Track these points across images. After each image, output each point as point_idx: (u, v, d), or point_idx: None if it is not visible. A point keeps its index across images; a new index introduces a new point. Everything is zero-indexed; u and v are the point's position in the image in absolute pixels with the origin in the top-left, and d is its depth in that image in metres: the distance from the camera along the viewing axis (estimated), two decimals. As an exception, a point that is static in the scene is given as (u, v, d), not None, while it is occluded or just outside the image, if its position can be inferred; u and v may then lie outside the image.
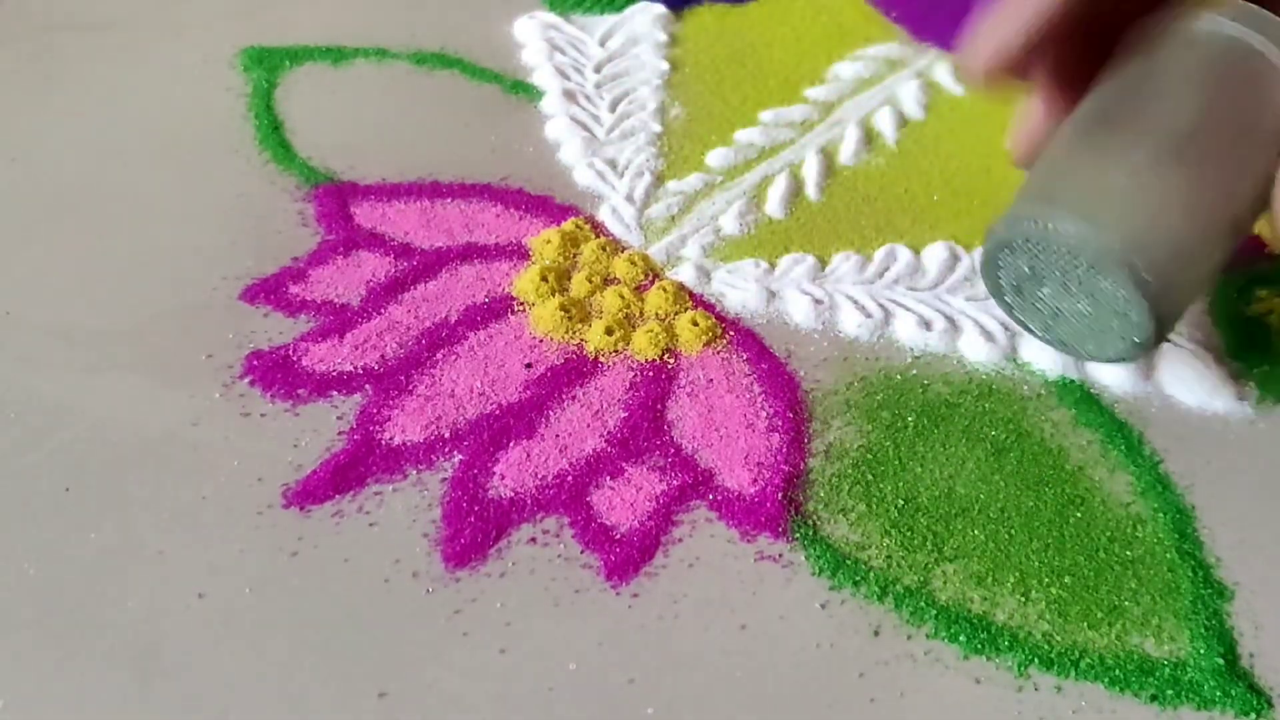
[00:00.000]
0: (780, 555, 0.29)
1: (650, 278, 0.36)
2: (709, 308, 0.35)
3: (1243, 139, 0.29)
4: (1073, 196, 0.29)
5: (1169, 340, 0.34)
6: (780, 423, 0.32)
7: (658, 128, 0.43)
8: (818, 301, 0.35)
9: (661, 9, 0.49)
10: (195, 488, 0.30)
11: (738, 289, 0.36)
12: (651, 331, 0.34)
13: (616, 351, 0.34)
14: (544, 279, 0.35)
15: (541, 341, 0.34)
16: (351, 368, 0.33)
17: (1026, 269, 0.30)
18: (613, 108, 0.44)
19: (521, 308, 0.35)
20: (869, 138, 0.43)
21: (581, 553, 0.29)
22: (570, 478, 0.30)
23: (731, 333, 0.35)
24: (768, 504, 0.30)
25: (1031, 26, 0.29)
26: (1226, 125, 0.29)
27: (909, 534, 0.29)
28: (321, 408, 0.32)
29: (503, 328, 0.34)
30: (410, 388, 0.32)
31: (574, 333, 0.34)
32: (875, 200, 0.40)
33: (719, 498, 0.30)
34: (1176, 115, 0.29)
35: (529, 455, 0.31)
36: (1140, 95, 0.30)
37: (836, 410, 0.32)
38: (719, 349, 0.34)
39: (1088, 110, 0.30)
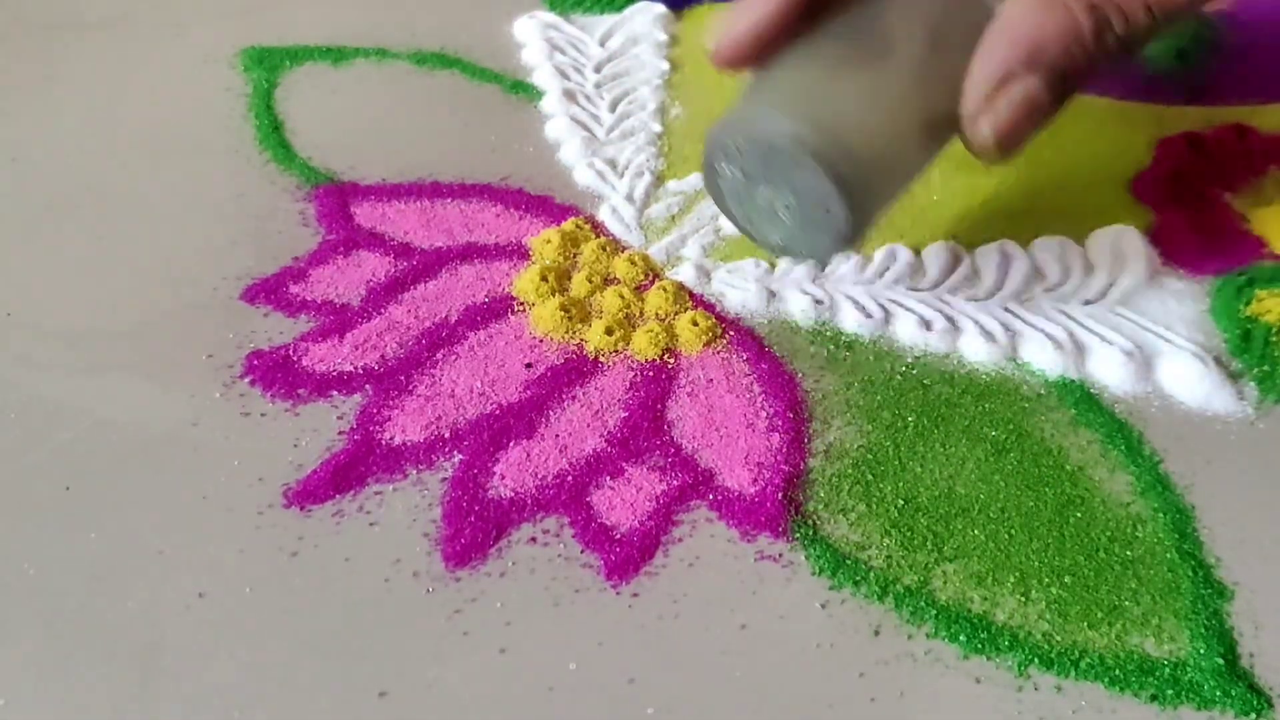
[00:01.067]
0: (780, 555, 0.29)
1: (650, 278, 0.36)
2: (709, 308, 0.35)
3: (939, 44, 0.31)
4: (771, 96, 0.31)
5: (1161, 334, 0.34)
6: (780, 423, 0.32)
7: (658, 128, 0.43)
8: (818, 301, 0.35)
9: (661, 9, 0.49)
10: (195, 488, 0.30)
11: (738, 289, 0.36)
12: (651, 331, 0.34)
13: (616, 351, 0.34)
14: (544, 279, 0.35)
15: (541, 341, 0.34)
16: (351, 368, 0.33)
17: (741, 173, 0.31)
18: (613, 108, 0.44)
19: (521, 308, 0.35)
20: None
21: (581, 553, 0.29)
22: (570, 478, 0.30)
23: (731, 333, 0.34)
24: (768, 504, 0.29)
25: (764, 26, 0.31)
26: (924, 29, 0.31)
27: (909, 534, 0.29)
28: (321, 408, 0.32)
29: (503, 328, 0.34)
30: (410, 388, 0.32)
31: (574, 333, 0.34)
32: (875, 200, 0.40)
33: (719, 498, 0.30)
34: (875, 18, 0.31)
35: (529, 455, 0.31)
36: (849, 4, 0.31)
37: (836, 410, 0.32)
38: (719, 349, 0.34)
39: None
